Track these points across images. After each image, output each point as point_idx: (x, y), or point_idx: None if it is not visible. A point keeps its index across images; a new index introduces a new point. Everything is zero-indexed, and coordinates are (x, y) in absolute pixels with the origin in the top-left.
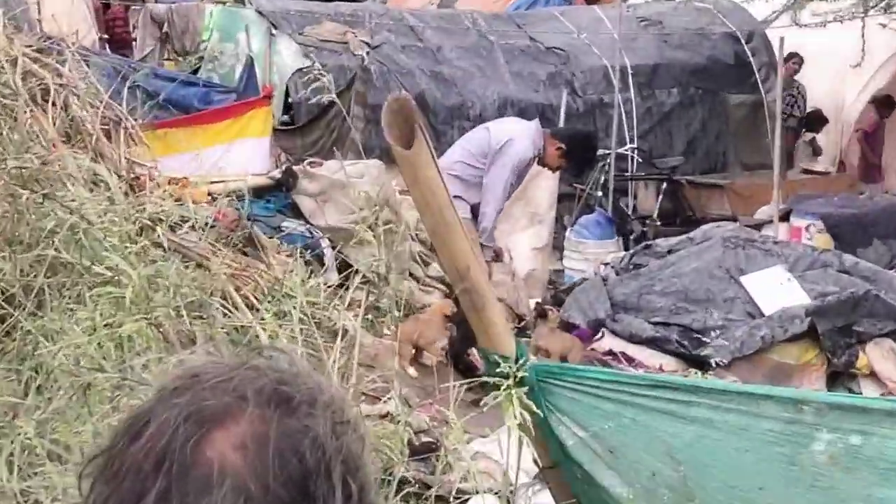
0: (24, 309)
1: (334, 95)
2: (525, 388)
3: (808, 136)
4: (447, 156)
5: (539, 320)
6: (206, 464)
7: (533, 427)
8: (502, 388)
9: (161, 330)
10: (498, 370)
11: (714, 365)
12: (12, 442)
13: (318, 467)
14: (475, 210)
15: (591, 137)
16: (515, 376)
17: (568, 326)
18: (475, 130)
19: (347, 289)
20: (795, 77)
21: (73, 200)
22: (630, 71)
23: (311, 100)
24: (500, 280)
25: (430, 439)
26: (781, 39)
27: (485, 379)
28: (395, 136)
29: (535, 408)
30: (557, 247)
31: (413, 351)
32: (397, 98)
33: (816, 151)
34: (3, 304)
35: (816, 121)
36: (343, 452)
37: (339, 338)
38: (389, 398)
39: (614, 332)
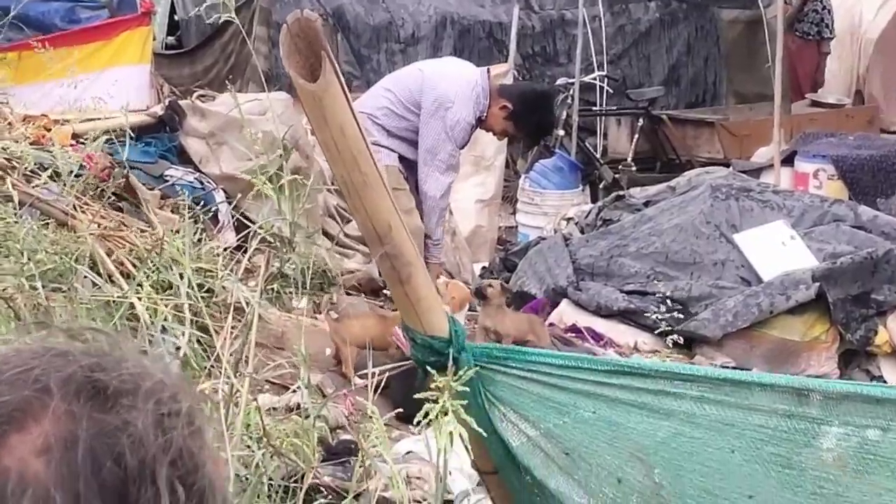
0: None
1: (233, 14)
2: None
3: None
4: (369, 98)
5: (481, 301)
6: (2, 474)
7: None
8: (436, 397)
9: (11, 305)
10: (429, 357)
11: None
12: None
13: (140, 470)
14: (404, 162)
15: (546, 98)
16: (454, 369)
17: (522, 297)
18: (405, 71)
19: (246, 252)
20: None
21: None
22: None
23: (205, 19)
24: None
25: (350, 437)
26: None
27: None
28: (297, 65)
29: (474, 424)
30: (509, 198)
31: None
32: (298, 19)
33: None
34: None
35: None
36: (172, 451)
37: (231, 314)
38: (298, 387)
39: (578, 304)
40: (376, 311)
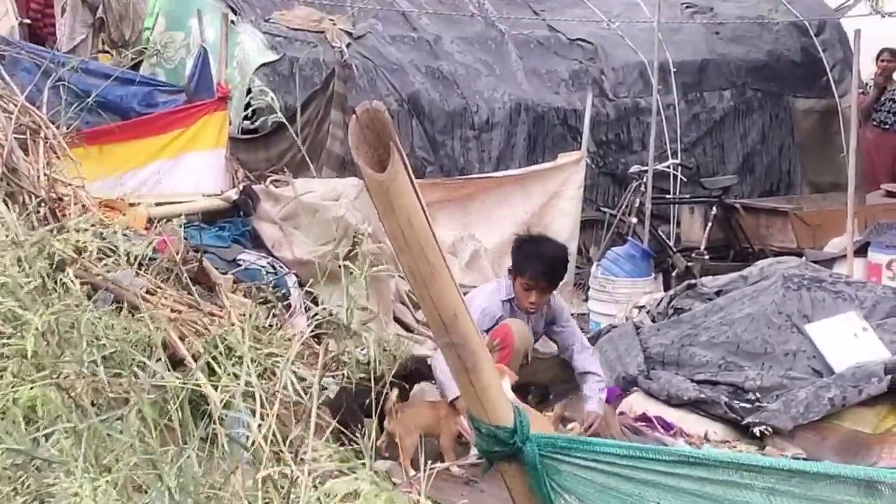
0: None
1: (280, 114)
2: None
3: None
4: None
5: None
6: None
7: None
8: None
9: (72, 395)
10: (494, 446)
11: (771, 433)
12: None
13: None
14: None
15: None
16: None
17: None
18: None
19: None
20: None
21: None
22: (672, 68)
23: (251, 120)
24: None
25: None
26: (857, 32)
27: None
28: (365, 155)
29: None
30: (581, 285)
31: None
32: (367, 109)
33: None
34: None
35: None
36: None
37: (288, 403)
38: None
39: (649, 392)
40: (426, 399)
